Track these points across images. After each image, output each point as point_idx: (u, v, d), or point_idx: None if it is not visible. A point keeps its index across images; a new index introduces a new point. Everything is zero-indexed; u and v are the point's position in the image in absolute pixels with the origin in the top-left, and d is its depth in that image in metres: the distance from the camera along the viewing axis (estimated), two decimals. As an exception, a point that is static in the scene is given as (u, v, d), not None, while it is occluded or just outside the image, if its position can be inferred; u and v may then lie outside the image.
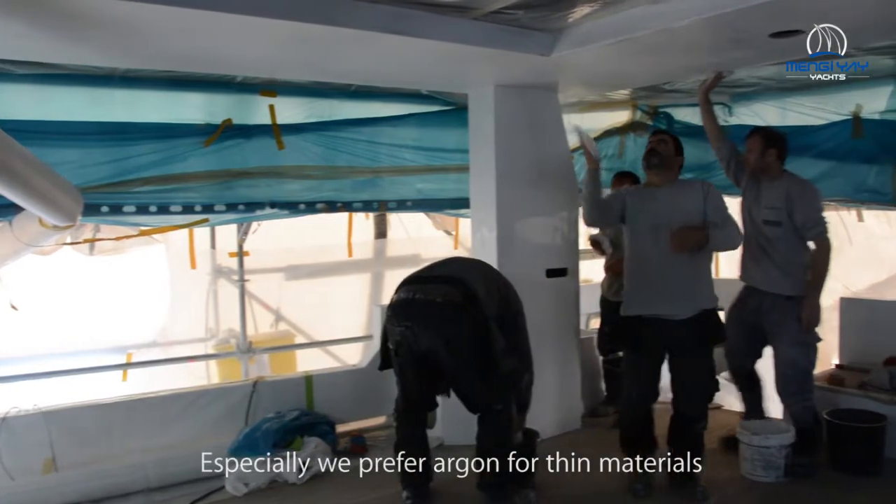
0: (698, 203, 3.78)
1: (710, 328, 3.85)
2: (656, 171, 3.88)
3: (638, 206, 3.89)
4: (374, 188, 5.40)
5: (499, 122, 4.65)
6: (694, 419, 3.88)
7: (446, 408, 3.93)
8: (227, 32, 3.30)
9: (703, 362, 3.87)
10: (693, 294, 3.78)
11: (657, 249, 3.77)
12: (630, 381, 4.01)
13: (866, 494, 3.92)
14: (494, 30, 3.69)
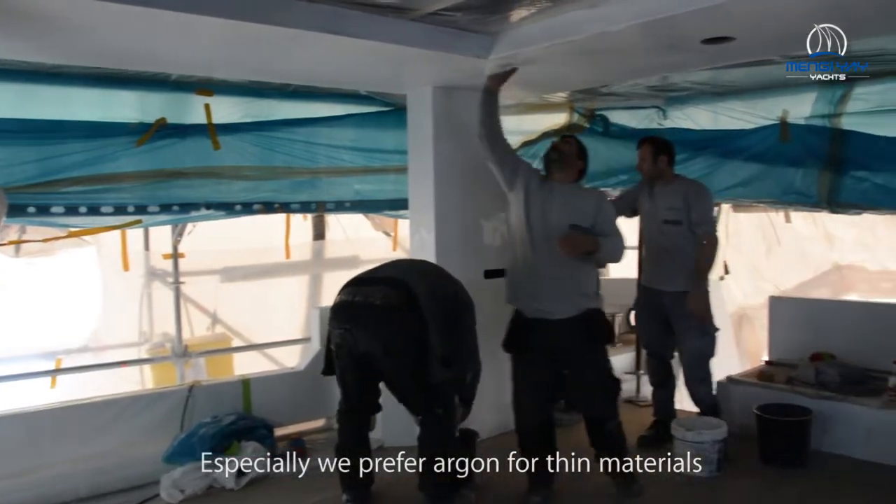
0: (590, 210, 3.75)
1: (596, 327, 3.81)
2: (555, 167, 3.87)
3: (535, 191, 3.84)
4: (312, 189, 5.35)
5: (437, 124, 4.66)
6: (602, 420, 3.86)
7: (387, 409, 3.91)
8: (162, 30, 3.23)
9: (596, 362, 3.84)
10: (575, 293, 3.75)
11: (544, 245, 3.74)
12: (520, 389, 3.93)
13: (794, 485, 4.05)
14: (433, 31, 3.69)
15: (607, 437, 3.87)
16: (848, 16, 3.34)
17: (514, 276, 3.92)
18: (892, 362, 4.53)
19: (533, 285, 3.78)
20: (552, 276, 3.72)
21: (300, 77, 4.64)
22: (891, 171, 4.72)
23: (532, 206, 3.81)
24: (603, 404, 3.87)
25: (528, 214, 3.80)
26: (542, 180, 3.89)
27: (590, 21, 3.41)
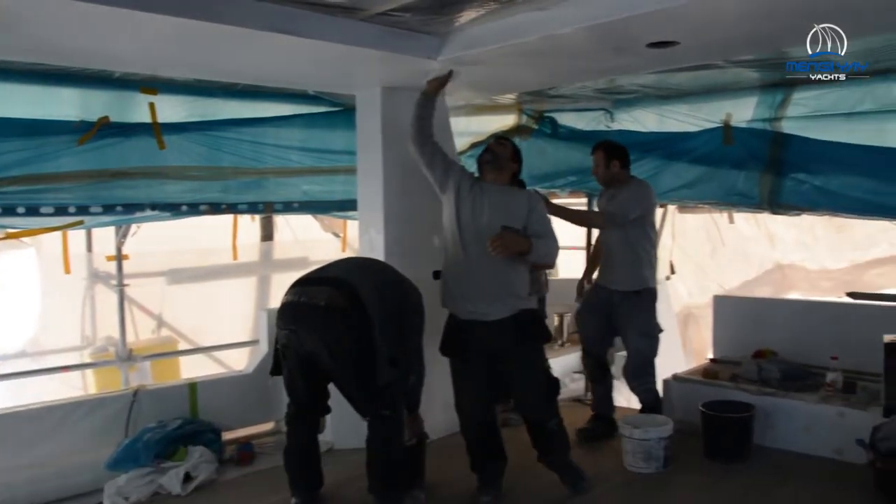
0: (522, 210, 3.75)
1: (531, 327, 3.80)
2: (488, 168, 3.87)
3: (466, 192, 3.83)
4: (260, 190, 5.29)
5: (386, 124, 4.64)
6: (542, 420, 3.84)
7: (337, 411, 3.88)
8: (105, 26, 3.16)
9: (533, 361, 3.84)
10: (509, 294, 3.73)
11: (475, 246, 3.70)
12: (460, 393, 3.91)
13: (737, 480, 4.14)
14: (382, 32, 3.68)
15: (549, 437, 3.86)
16: (785, 24, 3.44)
17: (446, 279, 3.88)
18: (829, 358, 4.66)
19: (466, 287, 3.75)
20: (484, 278, 3.70)
21: (248, 76, 4.59)
22: (828, 173, 4.86)
23: (463, 207, 3.80)
24: (542, 404, 3.85)
25: (459, 215, 3.79)
26: (474, 182, 3.89)
27: (538, 23, 3.44)
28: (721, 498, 3.93)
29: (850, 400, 4.45)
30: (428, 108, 4.05)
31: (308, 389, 3.63)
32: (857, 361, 4.67)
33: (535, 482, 4.03)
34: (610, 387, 4.95)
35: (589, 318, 4.88)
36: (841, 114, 4.91)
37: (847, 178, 4.81)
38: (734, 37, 3.68)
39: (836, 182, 4.86)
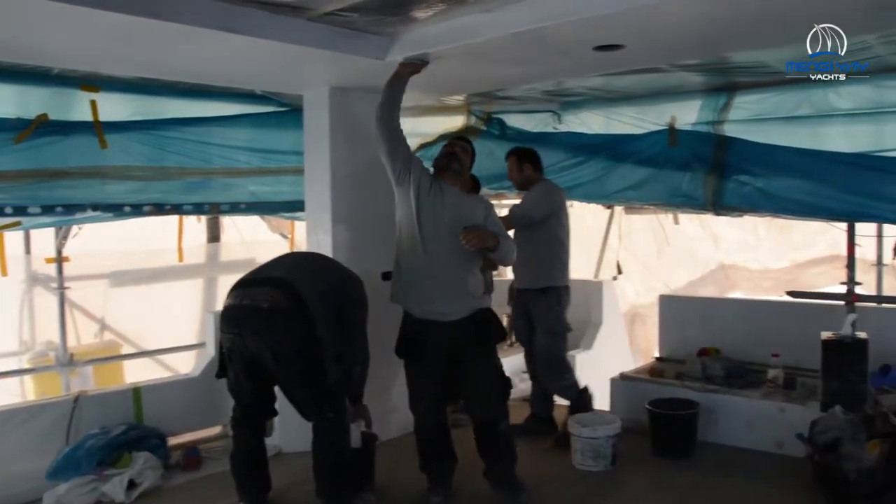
0: (480, 213, 3.77)
1: (488, 327, 3.79)
2: (450, 174, 3.86)
3: (426, 191, 3.76)
4: (206, 190, 5.21)
5: (334, 125, 4.61)
6: (494, 420, 3.78)
7: (284, 415, 3.84)
8: (42, 20, 3.06)
9: (488, 362, 3.81)
10: (466, 294, 3.72)
11: (435, 245, 3.68)
12: (415, 393, 3.89)
13: (683, 476, 4.21)
14: (330, 31, 3.66)
15: (498, 441, 3.79)
16: (726, 30, 3.53)
17: (402, 277, 3.82)
18: (771, 356, 4.79)
19: (424, 287, 3.71)
20: (443, 278, 3.68)
21: (192, 75, 4.51)
22: (768, 176, 4.97)
23: (423, 206, 3.74)
24: (495, 405, 3.81)
25: (420, 213, 3.73)
26: (433, 181, 3.83)
27: (486, 25, 3.45)
28: (667, 494, 4.00)
29: (790, 395, 4.58)
30: (397, 92, 3.85)
31: (254, 392, 3.59)
32: (796, 358, 4.80)
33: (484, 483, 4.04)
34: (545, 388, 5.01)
35: (517, 320, 5.03)
36: (780, 118, 5.03)
37: (786, 181, 4.92)
38: (678, 41, 3.75)
39: (776, 184, 4.96)
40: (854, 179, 4.62)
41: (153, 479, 4.11)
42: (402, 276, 3.82)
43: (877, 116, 4.68)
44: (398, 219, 3.87)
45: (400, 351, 3.86)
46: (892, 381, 4.45)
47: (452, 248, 3.66)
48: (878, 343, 4.33)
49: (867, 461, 3.62)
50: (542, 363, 4.79)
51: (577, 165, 5.67)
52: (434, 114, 6.15)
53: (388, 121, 3.81)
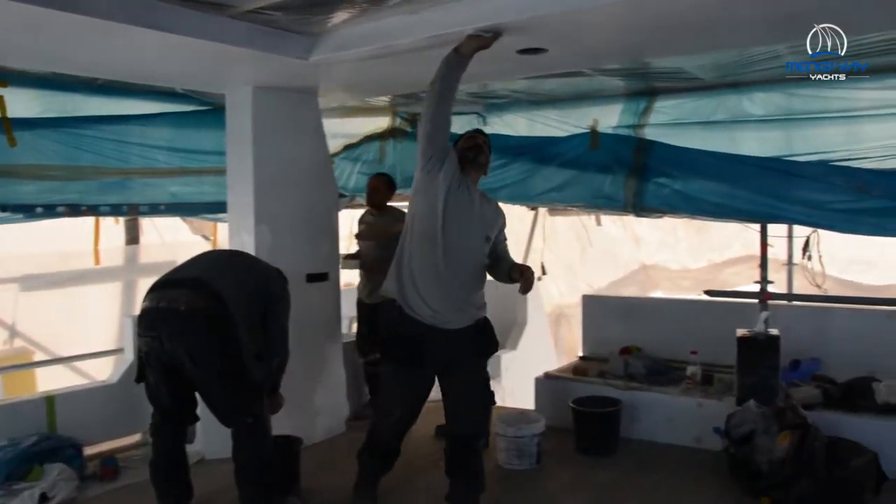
0: (498, 221, 3.62)
1: (488, 338, 3.64)
2: (475, 168, 3.55)
3: (455, 190, 3.43)
4: (124, 190, 5.07)
5: (257, 125, 4.54)
6: (475, 436, 3.64)
7: (206, 420, 3.74)
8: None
9: (480, 374, 3.66)
10: (474, 303, 3.54)
11: (458, 249, 3.42)
12: (397, 399, 3.60)
13: (606, 472, 4.30)
14: (253, 30, 3.60)
15: (471, 456, 3.61)
16: (645, 37, 3.62)
17: (409, 277, 3.44)
18: (689, 353, 4.93)
19: (434, 291, 3.41)
20: (459, 284, 3.44)
21: (108, 71, 4.34)
22: (686, 178, 5.11)
23: (451, 205, 3.40)
24: (478, 420, 3.71)
25: (446, 212, 3.39)
26: (462, 178, 3.48)
27: (410, 27, 3.46)
28: (591, 490, 4.07)
29: (708, 391, 4.73)
30: (459, 70, 3.37)
31: (173, 397, 3.49)
32: (714, 355, 4.95)
33: (409, 484, 4.05)
34: None
35: None
36: (697, 122, 5.18)
37: (703, 183, 5.06)
38: (600, 47, 3.83)
39: (693, 186, 5.11)
40: (766, 182, 4.79)
41: (67, 491, 3.95)
42: (409, 273, 3.44)
43: (786, 123, 4.88)
44: (415, 210, 3.50)
45: (389, 353, 3.61)
46: (801, 375, 4.65)
47: (471, 256, 3.49)
48: (789, 339, 4.51)
49: (778, 452, 3.77)
50: None
51: (501, 167, 5.72)
52: (359, 115, 6.12)
53: (442, 101, 3.36)
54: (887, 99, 4.49)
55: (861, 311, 5.15)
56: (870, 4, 3.13)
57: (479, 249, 3.52)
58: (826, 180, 4.61)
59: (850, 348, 4.76)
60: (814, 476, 3.69)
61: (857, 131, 4.62)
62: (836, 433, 3.98)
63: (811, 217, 4.73)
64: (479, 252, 3.52)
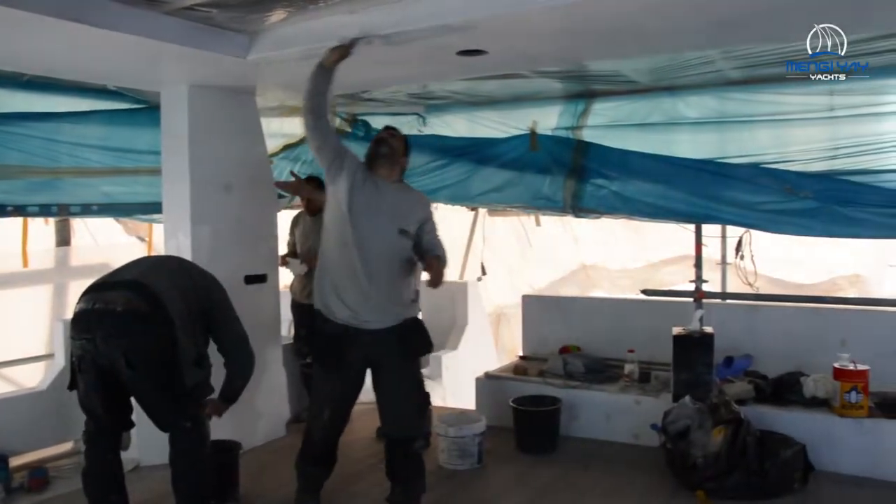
0: (418, 214, 3.54)
1: (415, 337, 3.58)
2: (384, 161, 3.52)
3: (360, 187, 3.44)
4: (53, 190, 4.91)
5: (193, 124, 4.45)
6: (411, 438, 3.58)
7: (142, 426, 3.64)
8: None
9: (409, 374, 3.60)
10: (397, 301, 3.49)
11: (369, 248, 3.40)
12: (324, 400, 3.59)
13: (547, 470, 4.34)
14: (188, 27, 3.53)
15: (410, 459, 3.59)
16: (582, 41, 3.67)
17: (327, 280, 3.49)
18: (627, 351, 5.02)
19: (351, 292, 3.41)
20: (374, 284, 3.39)
21: (35, 66, 4.19)
22: (623, 179, 5.19)
23: (356, 204, 3.41)
24: (413, 423, 3.63)
25: (352, 212, 3.40)
26: (367, 175, 3.49)
27: (349, 27, 3.43)
28: (531, 488, 4.10)
29: (645, 389, 4.82)
30: (325, 82, 3.46)
31: (107, 403, 3.38)
32: (651, 353, 5.05)
33: (353, 486, 4.02)
34: None
35: None
36: (634, 124, 5.28)
37: (640, 184, 5.15)
38: (538, 49, 3.87)
39: (630, 188, 5.19)
40: (700, 184, 4.90)
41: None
42: (327, 279, 3.50)
43: (719, 125, 5.00)
44: (326, 217, 3.57)
45: (313, 356, 3.64)
46: (734, 371, 4.78)
47: (386, 252, 3.44)
48: (723, 336, 4.62)
49: (712, 446, 3.87)
50: None
51: (441, 168, 5.74)
52: (299, 115, 6.03)
53: (315, 115, 3.44)
54: (812, 104, 4.65)
55: (790, 308, 5.32)
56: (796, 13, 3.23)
57: (395, 244, 3.45)
58: (756, 182, 4.74)
59: (780, 344, 4.92)
60: (746, 468, 3.81)
61: (785, 135, 4.77)
62: (767, 426, 4.12)
63: (743, 218, 4.85)
64: (395, 247, 3.45)
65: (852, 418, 4.13)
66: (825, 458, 4.08)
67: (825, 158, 4.62)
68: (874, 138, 4.48)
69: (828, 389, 4.29)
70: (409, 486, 3.60)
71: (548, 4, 3.00)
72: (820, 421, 4.20)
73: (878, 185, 4.42)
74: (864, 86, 4.46)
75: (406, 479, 3.60)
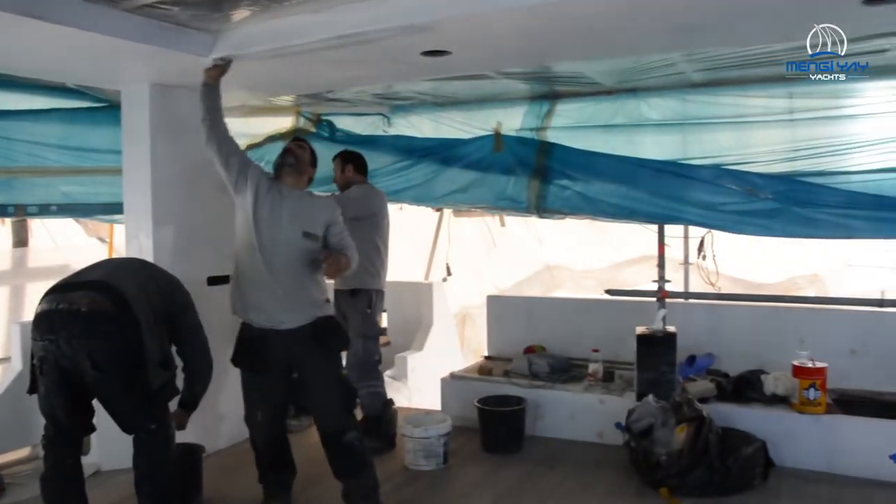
0: (323, 218, 3.65)
1: (329, 334, 3.65)
2: (288, 171, 3.69)
3: (264, 195, 3.60)
4: (10, 190, 4.81)
5: (155, 123, 4.39)
6: (340, 430, 3.58)
7: (103, 430, 3.58)
8: None
9: (330, 370, 3.65)
10: (306, 302, 3.59)
11: (274, 252, 3.53)
12: (252, 405, 3.70)
13: (512, 469, 4.36)
14: (149, 25, 3.47)
15: (347, 452, 3.60)
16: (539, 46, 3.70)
17: (240, 286, 3.65)
18: (591, 351, 5.05)
19: (262, 295, 3.55)
20: (282, 285, 3.53)
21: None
22: (587, 180, 5.22)
23: (260, 211, 3.57)
24: (339, 415, 3.63)
25: (257, 219, 3.56)
26: (272, 184, 3.67)
27: (313, 27, 3.42)
28: (497, 488, 4.12)
29: (610, 388, 4.86)
30: (214, 100, 3.75)
31: (69, 407, 3.31)
32: (615, 352, 5.11)
33: (322, 489, 4.00)
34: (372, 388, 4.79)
35: None
36: (598, 126, 5.32)
37: (604, 185, 5.18)
38: (502, 50, 3.88)
39: (594, 188, 5.22)
40: (663, 185, 4.95)
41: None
42: (240, 285, 3.65)
43: (682, 127, 5.06)
44: (236, 228, 3.69)
45: (237, 361, 3.69)
46: (697, 369, 4.84)
47: (291, 254, 3.54)
48: (685, 335, 4.69)
49: (675, 444, 3.92)
50: (350, 366, 4.64)
51: (406, 168, 5.73)
52: (262, 114, 6.01)
53: (214, 135, 3.71)
54: (772, 107, 4.74)
55: (751, 307, 5.41)
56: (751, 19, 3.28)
57: (300, 246, 3.55)
58: (718, 183, 4.80)
59: (741, 343, 5.00)
60: (709, 465, 3.86)
61: (746, 137, 4.85)
62: (729, 424, 4.18)
63: (705, 218, 4.92)
64: (300, 249, 3.56)
65: (811, 415, 4.21)
66: (785, 455, 4.16)
67: (785, 160, 4.70)
68: (831, 141, 4.58)
69: (787, 387, 4.37)
70: (358, 480, 3.62)
71: (510, 5, 3.01)
72: (780, 418, 4.27)
73: (835, 186, 4.51)
74: (822, 89, 4.55)
75: (352, 473, 3.62)
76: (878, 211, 4.36)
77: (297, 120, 6.21)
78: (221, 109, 3.78)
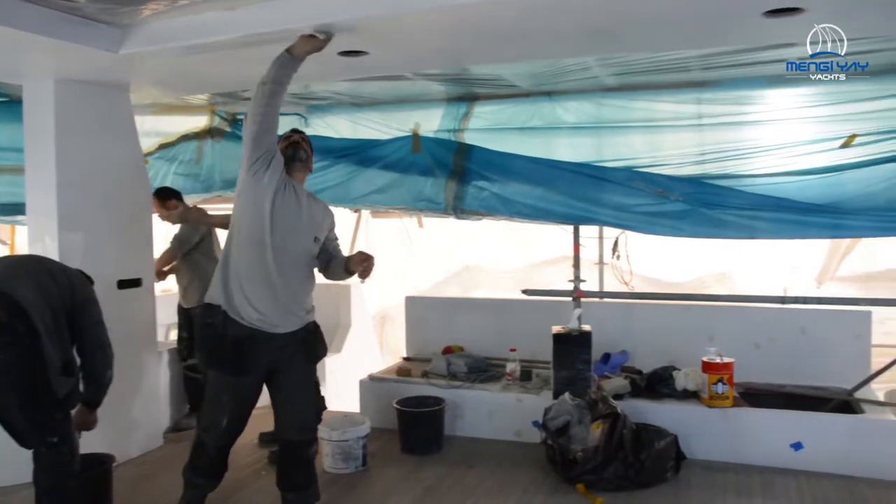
0: (327, 222, 3.57)
1: (316, 341, 3.58)
2: (301, 166, 3.48)
3: (281, 192, 3.34)
4: None
5: (60, 121, 4.22)
6: (309, 442, 3.52)
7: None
8: None
9: (309, 379, 3.59)
10: (302, 307, 3.45)
11: (284, 253, 3.33)
12: (223, 407, 3.39)
13: (432, 469, 4.37)
14: (53, 17, 3.34)
15: (306, 464, 3.51)
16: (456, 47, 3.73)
17: (235, 280, 3.31)
18: (509, 350, 5.11)
19: (261, 294, 3.30)
20: (287, 288, 3.34)
21: None
22: (504, 181, 5.28)
23: (279, 207, 3.32)
24: (310, 425, 3.58)
25: (273, 216, 3.30)
26: (287, 179, 3.39)
27: (227, 24, 3.36)
28: (416, 488, 4.12)
29: (527, 386, 4.93)
30: (288, 74, 3.31)
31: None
32: (532, 352, 5.19)
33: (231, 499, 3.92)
34: None
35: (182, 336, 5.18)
36: (515, 128, 5.39)
37: (520, 187, 5.25)
38: (421, 51, 3.89)
39: (511, 190, 5.29)
40: (578, 186, 5.05)
41: None
42: (235, 279, 3.32)
43: (596, 130, 5.17)
44: (240, 213, 3.36)
45: (213, 363, 3.40)
46: (612, 367, 4.96)
47: (301, 258, 3.41)
48: (600, 334, 4.81)
49: (591, 441, 4.00)
50: None
51: (323, 169, 5.67)
52: (176, 113, 5.86)
53: (271, 101, 3.25)
54: (681, 112, 4.89)
55: (663, 305, 5.58)
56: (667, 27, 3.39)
57: (308, 252, 3.46)
58: (631, 185, 4.92)
59: (654, 340, 5.16)
60: (623, 460, 3.95)
61: (658, 140, 4.99)
62: (643, 419, 4.30)
63: (618, 219, 5.03)
64: (308, 254, 3.46)
65: (719, 408, 4.37)
66: (695, 447, 4.30)
67: (694, 163, 4.86)
68: (737, 145, 4.77)
69: (697, 382, 4.52)
70: (303, 495, 3.52)
71: (426, 7, 3.02)
72: (690, 412, 4.42)
73: (741, 188, 4.69)
74: (728, 96, 4.75)
75: (298, 489, 3.51)
76: (779, 213, 4.56)
77: (211, 119, 6.07)
78: (288, 86, 3.35)
